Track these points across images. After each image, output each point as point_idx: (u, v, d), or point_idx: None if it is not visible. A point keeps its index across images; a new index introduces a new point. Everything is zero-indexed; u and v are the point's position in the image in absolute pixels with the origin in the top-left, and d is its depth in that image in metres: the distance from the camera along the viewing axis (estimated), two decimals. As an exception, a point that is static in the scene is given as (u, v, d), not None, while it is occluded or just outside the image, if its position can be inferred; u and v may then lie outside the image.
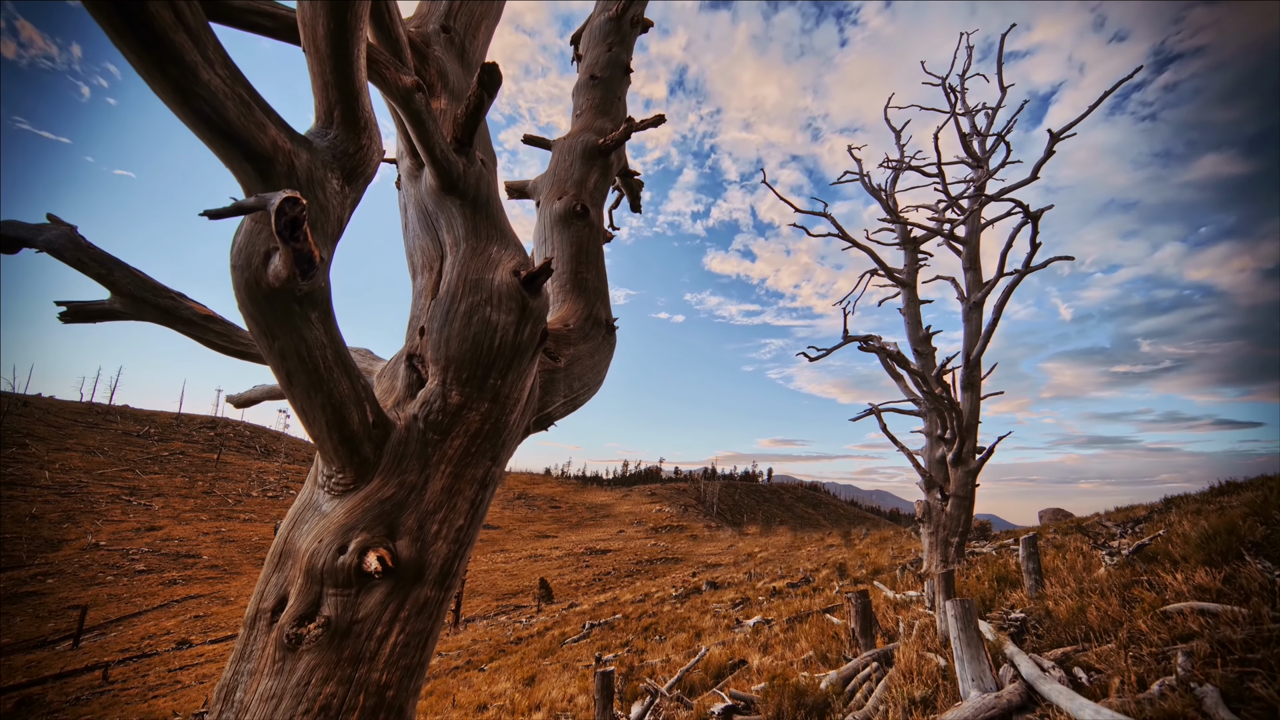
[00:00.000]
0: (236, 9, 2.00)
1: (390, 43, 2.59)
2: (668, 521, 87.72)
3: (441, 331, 2.75)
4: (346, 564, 2.37)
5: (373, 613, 2.41)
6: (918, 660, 5.08)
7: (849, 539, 40.69)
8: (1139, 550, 6.39)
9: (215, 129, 1.55)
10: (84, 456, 70.94)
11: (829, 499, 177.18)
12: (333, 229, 2.01)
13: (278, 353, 2.07)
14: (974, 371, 14.16)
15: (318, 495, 2.61)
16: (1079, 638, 4.64)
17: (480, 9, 3.60)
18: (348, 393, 2.32)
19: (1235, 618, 3.73)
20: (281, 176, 1.73)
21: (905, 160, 17.87)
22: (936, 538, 13.58)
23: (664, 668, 10.02)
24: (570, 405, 3.83)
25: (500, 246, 2.92)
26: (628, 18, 5.06)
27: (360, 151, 2.01)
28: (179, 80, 1.41)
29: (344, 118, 1.91)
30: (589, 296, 4.16)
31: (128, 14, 1.28)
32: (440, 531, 2.65)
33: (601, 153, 4.43)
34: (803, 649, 8.22)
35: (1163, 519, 10.54)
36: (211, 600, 42.74)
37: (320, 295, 1.99)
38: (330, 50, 1.73)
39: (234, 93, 1.53)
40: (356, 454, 2.48)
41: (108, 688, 25.20)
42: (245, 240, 1.77)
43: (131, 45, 1.33)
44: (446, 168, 2.65)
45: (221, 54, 1.49)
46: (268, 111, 1.66)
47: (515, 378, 2.90)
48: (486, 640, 24.89)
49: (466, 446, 2.76)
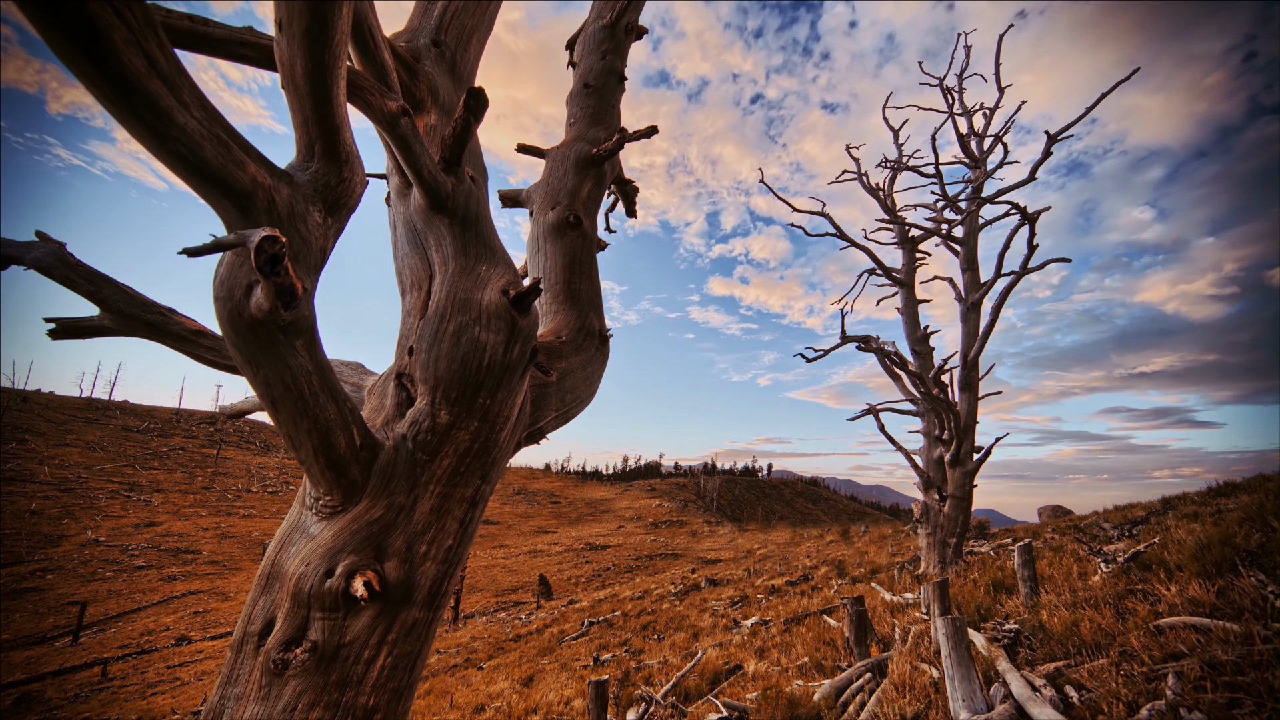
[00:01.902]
0: (219, 40, 1.99)
1: (375, 67, 2.57)
2: (667, 517, 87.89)
3: (430, 351, 2.73)
4: (333, 588, 2.36)
5: (360, 636, 2.40)
6: (911, 673, 5.07)
7: (847, 536, 40.78)
8: (1135, 558, 6.39)
9: (193, 169, 1.54)
10: (84, 452, 70.98)
11: (829, 494, 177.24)
12: (315, 260, 2.00)
13: (262, 380, 2.06)
14: (971, 372, 14.15)
15: (306, 517, 2.61)
16: (1072, 652, 4.64)
17: (472, 22, 3.57)
18: (334, 417, 2.31)
19: (1227, 635, 3.73)
20: (262, 212, 1.72)
21: (903, 161, 17.85)
22: (934, 538, 13.59)
23: (661, 670, 10.04)
24: (562, 419, 3.82)
25: (489, 265, 2.90)
26: (622, 25, 5.03)
27: (342, 184, 2.00)
28: (154, 125, 1.39)
29: (325, 152, 1.89)
30: (582, 307, 4.14)
31: (100, 63, 1.26)
32: (429, 552, 2.64)
33: (595, 162, 4.41)
34: (798, 654, 8.23)
35: (1160, 522, 10.55)
36: (211, 596, 42.80)
37: (305, 324, 1.98)
38: (309, 89, 1.71)
39: (211, 133, 1.51)
40: (344, 477, 2.47)
41: (107, 684, 25.25)
42: (227, 273, 1.76)
43: (104, 93, 1.32)
44: (435, 188, 2.64)
45: (198, 95, 1.48)
46: (247, 149, 1.65)
47: (505, 396, 2.89)
48: (486, 637, 24.94)
49: (456, 466, 2.75)
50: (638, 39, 5.29)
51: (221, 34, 1.97)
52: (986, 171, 15.24)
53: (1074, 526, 15.91)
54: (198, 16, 1.92)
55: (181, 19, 1.91)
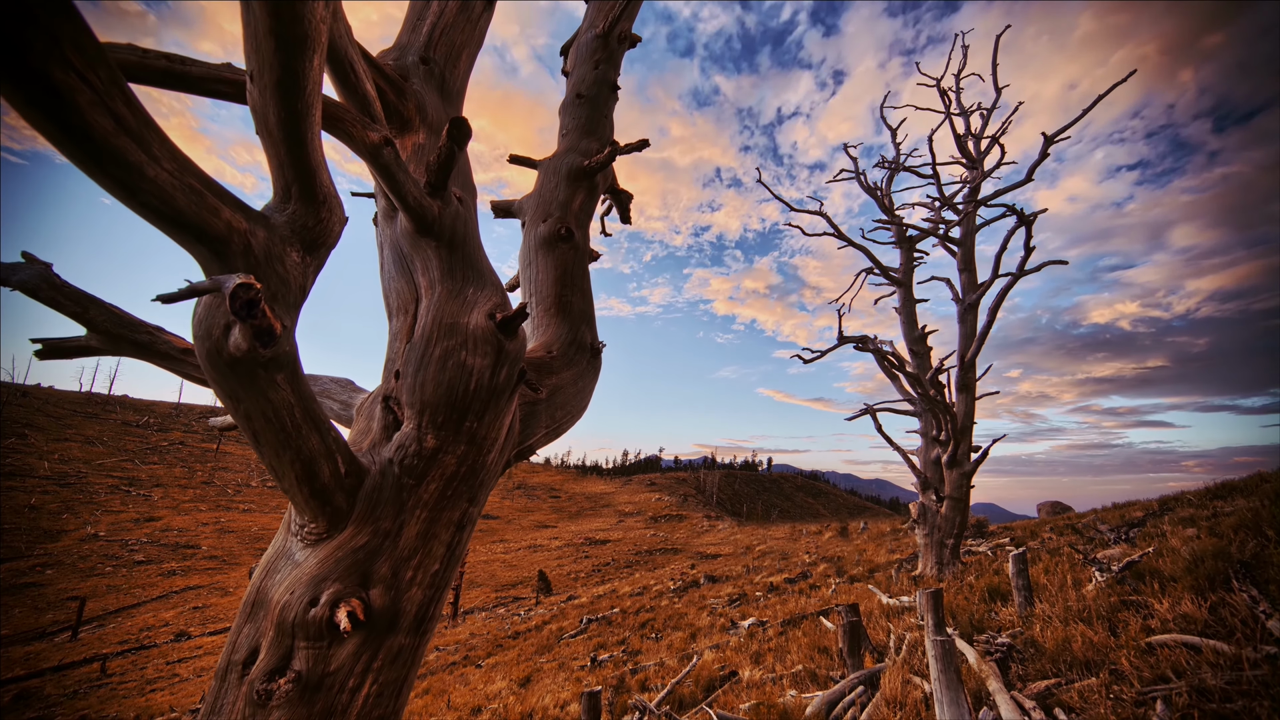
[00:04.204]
0: (198, 78, 1.97)
1: (357, 99, 2.55)
2: (667, 511, 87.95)
3: (416, 376, 2.72)
4: (318, 617, 2.35)
5: (345, 664, 2.39)
6: (902, 688, 5.08)
7: (846, 533, 40.86)
8: (1129, 567, 6.39)
9: (165, 218, 1.53)
10: (83, 447, 71.04)
11: (829, 488, 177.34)
12: (295, 297, 1.99)
13: (244, 414, 2.05)
14: (969, 373, 14.14)
15: (291, 543, 2.60)
16: (1064, 669, 4.64)
17: (461, 38, 3.55)
18: (318, 447, 2.30)
19: (1217, 658, 3.73)
20: (238, 256, 1.71)
21: (901, 161, 17.82)
22: (932, 539, 13.61)
23: (658, 674, 10.05)
24: (552, 435, 3.81)
25: (476, 288, 2.89)
26: (615, 34, 5.00)
27: (320, 225, 1.98)
28: (123, 180, 1.38)
29: (302, 194, 1.88)
30: (573, 320, 4.13)
31: (65, 126, 1.25)
32: (415, 578, 2.64)
33: (586, 175, 4.38)
34: (794, 660, 8.23)
35: (1156, 526, 10.55)
36: (210, 591, 42.89)
37: (286, 359, 1.96)
38: (283, 136, 1.70)
39: (183, 183, 1.50)
40: (328, 505, 2.46)
41: (106, 680, 25.32)
42: (205, 313, 1.74)
43: (71, 153, 1.30)
44: (420, 213, 2.62)
45: (168, 148, 1.46)
46: (221, 194, 1.63)
47: (493, 419, 2.88)
48: (485, 634, 25.01)
49: (443, 490, 2.75)
50: (631, 47, 5.26)
51: (200, 72, 1.95)
52: (984, 172, 15.20)
53: (1071, 527, 15.92)
54: (175, 55, 1.90)
55: (158, 59, 1.89)
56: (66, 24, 1.22)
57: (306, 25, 1.57)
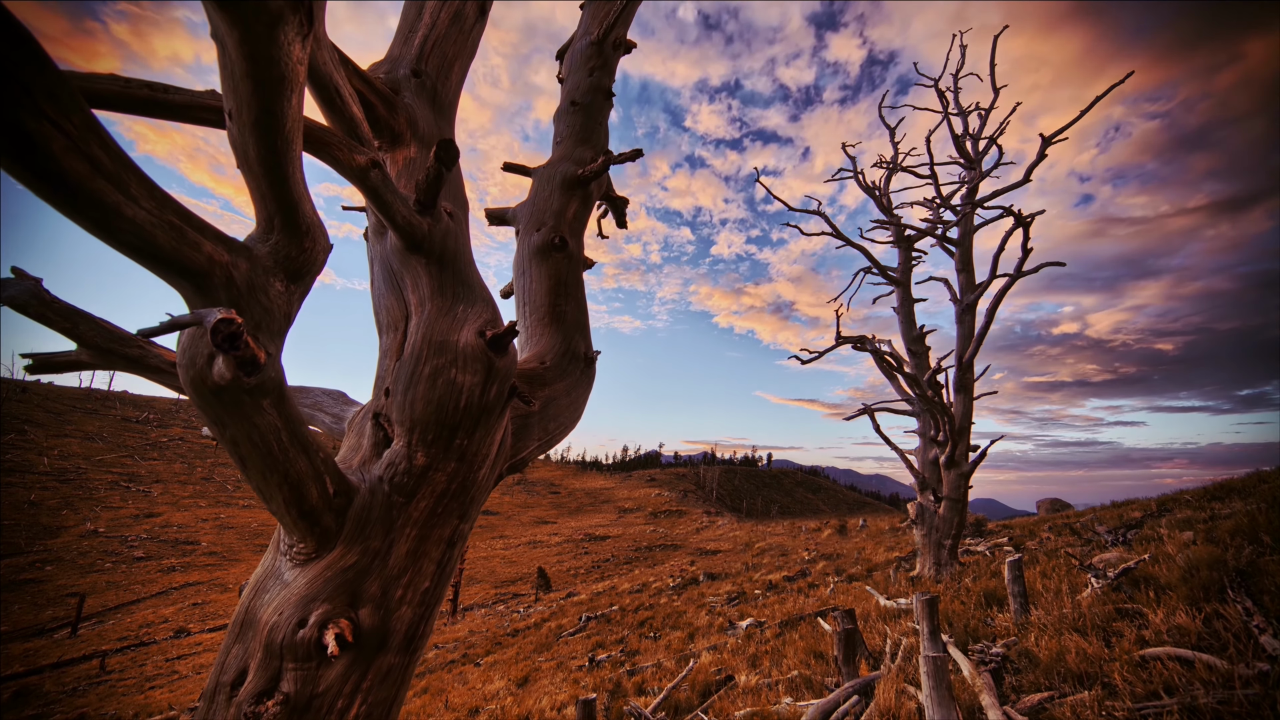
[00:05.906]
0: (180, 105, 1.95)
1: (344, 121, 2.53)
2: (667, 507, 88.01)
3: (406, 394, 2.71)
4: (306, 638, 2.34)
5: (334, 685, 2.39)
6: (896, 699, 5.09)
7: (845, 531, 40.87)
8: (1125, 573, 6.39)
9: (145, 255, 1.52)
10: (83, 443, 71.08)
11: (828, 484, 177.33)
12: (279, 325, 1.98)
13: (230, 439, 2.04)
14: (967, 374, 14.12)
15: (280, 563, 2.59)
16: (1057, 681, 4.64)
17: (454, 50, 3.53)
18: (305, 470, 2.29)
19: (1210, 674, 3.73)
20: (220, 288, 1.70)
21: (899, 161, 17.79)
22: (930, 540, 13.61)
23: (655, 676, 10.07)
24: (545, 446, 3.80)
25: (467, 304, 2.88)
26: (609, 41, 4.98)
27: (304, 255, 1.97)
28: (101, 221, 1.37)
29: (284, 225, 1.87)
30: (567, 330, 4.12)
31: (40, 173, 1.24)
32: (405, 596, 2.63)
33: (580, 183, 4.37)
34: (790, 665, 8.25)
35: (1154, 528, 10.56)
36: (210, 587, 42.97)
37: (271, 384, 1.95)
38: (263, 170, 1.68)
39: (163, 220, 1.49)
40: (317, 525, 2.45)
41: (105, 677, 25.37)
42: (189, 342, 1.74)
43: (48, 198, 1.29)
44: (410, 231, 2.61)
45: (147, 186, 1.45)
46: (202, 229, 1.62)
47: (483, 435, 2.87)
48: (484, 632, 25.06)
49: (433, 508, 2.74)
50: (625, 54, 5.24)
51: (182, 100, 1.94)
52: (982, 172, 15.18)
53: (1069, 527, 15.94)
54: (157, 84, 1.89)
55: (140, 88, 1.88)
56: (39, 76, 1.21)
57: (284, 67, 1.56)
